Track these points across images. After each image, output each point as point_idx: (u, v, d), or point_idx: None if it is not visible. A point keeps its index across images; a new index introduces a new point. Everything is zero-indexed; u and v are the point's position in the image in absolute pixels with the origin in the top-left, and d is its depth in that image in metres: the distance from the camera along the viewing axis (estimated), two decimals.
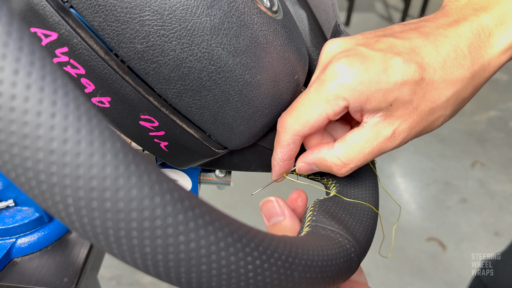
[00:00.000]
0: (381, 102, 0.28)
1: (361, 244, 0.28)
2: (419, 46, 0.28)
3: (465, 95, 0.30)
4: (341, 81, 0.28)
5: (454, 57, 0.28)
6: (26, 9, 0.27)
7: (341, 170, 0.31)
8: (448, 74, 0.28)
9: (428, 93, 0.28)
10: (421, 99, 0.28)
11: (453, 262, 1.45)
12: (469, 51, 0.28)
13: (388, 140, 0.29)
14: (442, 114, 0.30)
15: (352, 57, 0.28)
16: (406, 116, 0.29)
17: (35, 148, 0.14)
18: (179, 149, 0.33)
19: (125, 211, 0.15)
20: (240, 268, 0.18)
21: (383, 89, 0.28)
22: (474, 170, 1.82)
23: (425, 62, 0.28)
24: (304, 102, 0.30)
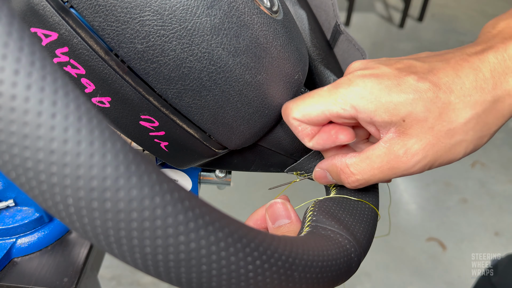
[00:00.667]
0: (392, 115, 0.28)
1: (361, 244, 0.28)
2: (437, 68, 0.28)
3: (488, 120, 0.28)
4: (353, 88, 0.28)
5: (473, 79, 0.28)
6: (26, 9, 0.27)
7: (348, 179, 0.30)
8: (466, 96, 0.28)
9: (445, 113, 0.28)
10: (437, 119, 0.28)
11: (453, 262, 1.45)
12: (492, 75, 0.28)
13: (401, 160, 0.28)
14: (463, 138, 0.28)
15: (369, 70, 0.29)
16: (421, 135, 0.28)
17: (35, 148, 0.14)
18: (179, 149, 0.33)
19: (126, 211, 0.15)
20: (240, 268, 0.18)
21: (393, 102, 0.28)
22: (474, 170, 1.82)
23: (441, 82, 0.28)
24: (314, 95, 0.30)
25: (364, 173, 0.30)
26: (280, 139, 0.36)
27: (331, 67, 0.42)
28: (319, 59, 0.42)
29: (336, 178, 0.32)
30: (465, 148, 0.29)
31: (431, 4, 2.94)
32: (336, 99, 0.29)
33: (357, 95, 0.28)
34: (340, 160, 0.31)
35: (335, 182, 0.33)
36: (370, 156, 0.29)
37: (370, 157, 0.29)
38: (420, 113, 0.27)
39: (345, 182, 0.31)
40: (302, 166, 0.37)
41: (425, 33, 2.77)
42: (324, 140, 0.31)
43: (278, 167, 0.39)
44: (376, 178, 0.30)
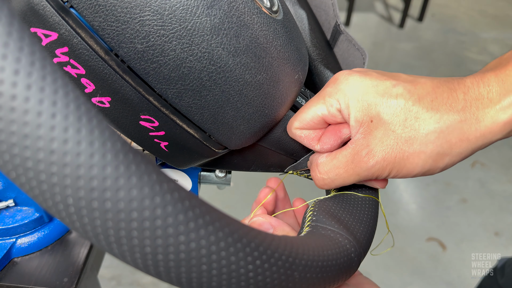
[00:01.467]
0: (364, 114, 0.29)
1: (361, 244, 0.28)
2: (418, 81, 0.30)
3: (450, 138, 0.28)
4: (337, 85, 0.31)
5: (446, 97, 0.29)
6: (26, 9, 0.27)
7: (315, 177, 0.32)
8: (435, 109, 0.28)
9: (409, 120, 0.28)
10: (400, 124, 0.29)
11: (453, 262, 1.45)
12: (464, 97, 0.29)
13: (362, 159, 0.30)
14: (421, 149, 0.29)
15: (355, 71, 0.31)
16: (383, 137, 0.29)
17: (35, 148, 0.14)
18: (179, 149, 0.33)
19: (126, 211, 0.15)
20: (240, 268, 0.18)
21: (367, 101, 0.29)
22: (474, 170, 1.82)
23: (416, 92, 0.29)
24: (307, 103, 0.33)
25: (329, 172, 0.31)
26: (280, 139, 0.36)
27: (331, 67, 0.42)
28: (319, 59, 0.42)
29: (311, 173, 0.34)
30: (423, 161, 0.29)
31: (431, 4, 2.94)
32: (324, 98, 0.31)
33: (340, 91, 0.30)
34: (315, 157, 0.33)
35: None
36: (338, 156, 0.31)
37: (337, 157, 0.31)
38: (386, 116, 0.29)
39: (315, 179, 0.33)
40: (302, 166, 0.37)
41: (425, 33, 2.77)
42: (329, 139, 0.32)
43: (278, 167, 0.39)
44: (341, 177, 0.31)
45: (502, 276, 0.81)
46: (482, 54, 2.57)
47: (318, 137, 0.32)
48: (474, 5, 3.13)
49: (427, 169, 0.29)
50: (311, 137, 0.32)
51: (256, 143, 0.36)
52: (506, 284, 0.80)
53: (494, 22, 2.93)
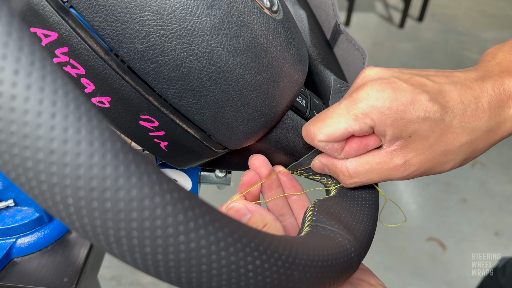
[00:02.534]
0: (402, 131, 0.30)
1: (361, 244, 0.28)
2: (445, 90, 0.30)
3: (478, 146, 0.31)
4: (372, 103, 0.30)
5: (474, 108, 0.30)
6: (26, 9, 0.27)
7: (346, 181, 0.33)
8: (466, 122, 0.30)
9: (445, 134, 0.30)
10: (437, 138, 0.30)
11: (453, 262, 1.45)
12: (489, 106, 0.30)
13: (398, 169, 0.31)
14: (453, 158, 0.31)
15: (386, 85, 0.30)
16: (420, 151, 0.30)
17: (35, 148, 0.14)
18: (179, 149, 0.33)
19: (125, 211, 0.15)
20: (240, 268, 0.18)
21: (406, 119, 0.30)
22: (474, 170, 1.82)
23: (448, 106, 0.30)
24: (333, 115, 0.31)
25: (362, 176, 0.32)
26: (280, 139, 0.36)
27: (331, 66, 0.42)
28: (319, 59, 0.42)
29: (333, 175, 0.34)
30: (452, 166, 0.32)
31: (431, 4, 2.94)
32: (356, 115, 0.30)
33: (376, 110, 0.30)
34: (341, 163, 0.33)
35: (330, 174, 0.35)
36: (370, 162, 0.31)
37: (370, 163, 0.31)
38: (425, 132, 0.30)
39: (342, 182, 0.33)
40: (302, 165, 0.37)
41: (425, 33, 2.77)
42: (355, 150, 0.32)
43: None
44: (372, 181, 0.32)
45: (503, 276, 0.81)
46: (482, 54, 2.57)
47: (342, 148, 0.32)
48: (474, 5, 3.13)
49: (452, 169, 0.32)
50: (335, 148, 0.32)
51: (256, 143, 0.36)
52: (507, 284, 0.79)
53: (494, 22, 2.93)
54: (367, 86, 0.30)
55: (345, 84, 0.40)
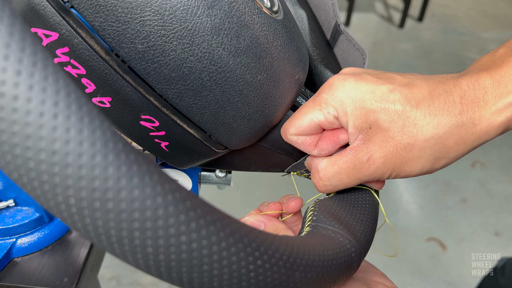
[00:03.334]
0: (362, 121, 0.29)
1: (361, 244, 0.28)
2: (414, 84, 0.30)
3: (448, 143, 0.29)
4: (333, 92, 0.30)
5: (443, 101, 0.29)
6: (27, 10, 0.27)
7: (317, 183, 0.32)
8: (432, 115, 0.28)
9: (407, 126, 0.29)
10: (399, 130, 0.29)
11: (453, 262, 1.45)
12: (461, 100, 0.29)
13: (364, 166, 0.30)
14: (420, 155, 0.29)
15: (350, 76, 0.30)
16: (382, 143, 0.29)
17: (37, 148, 0.14)
18: (180, 149, 0.33)
19: (127, 211, 0.15)
20: (242, 268, 0.18)
21: (366, 108, 0.29)
22: (474, 170, 1.82)
23: (412, 97, 0.29)
24: (301, 109, 0.32)
25: (331, 179, 0.31)
26: (280, 139, 0.36)
27: (331, 66, 0.42)
28: (319, 59, 0.42)
29: (312, 178, 0.34)
30: (421, 165, 0.30)
31: (431, 4, 2.94)
32: (320, 104, 0.31)
33: (337, 98, 0.30)
34: (315, 162, 0.33)
35: None
36: (338, 162, 0.31)
37: (338, 163, 0.31)
38: (385, 123, 0.29)
39: (316, 185, 0.33)
40: (302, 166, 0.37)
41: (425, 33, 2.77)
42: (327, 145, 0.32)
43: (278, 167, 0.39)
44: (343, 183, 0.31)
45: (502, 276, 0.81)
46: (482, 54, 2.56)
47: (315, 142, 0.32)
48: (474, 5, 3.13)
49: (425, 171, 0.30)
50: (307, 143, 0.32)
51: (256, 143, 0.36)
52: (507, 284, 0.80)
53: (494, 22, 2.93)
54: (332, 79, 0.31)
55: None
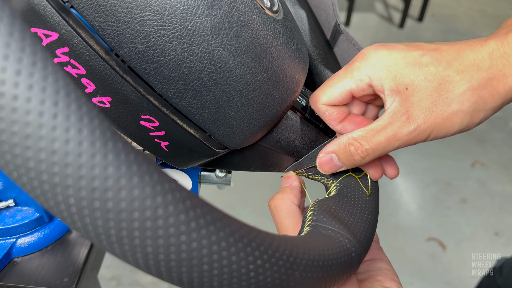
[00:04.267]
0: (398, 83, 0.30)
1: (361, 244, 0.28)
2: (442, 48, 0.31)
3: (483, 94, 0.30)
4: (366, 60, 0.32)
5: (472, 59, 0.30)
6: (27, 9, 0.27)
7: (357, 150, 0.32)
8: (464, 71, 0.30)
9: (443, 84, 0.30)
10: (436, 88, 0.30)
11: (453, 262, 1.45)
12: (489, 56, 0.30)
13: (403, 124, 0.31)
14: (459, 108, 0.30)
15: (381, 46, 0.32)
16: (420, 101, 0.30)
17: (37, 148, 0.14)
18: (180, 149, 0.33)
19: (127, 211, 0.15)
20: (241, 268, 0.18)
21: (400, 71, 0.31)
22: (474, 170, 1.82)
23: (443, 59, 0.31)
24: (333, 77, 0.33)
25: (371, 142, 0.32)
26: (281, 139, 0.36)
27: (331, 66, 0.42)
28: (319, 59, 0.42)
29: (344, 156, 0.33)
30: (461, 119, 0.31)
31: (431, 4, 2.94)
32: (352, 72, 0.32)
33: (370, 65, 0.31)
34: (346, 136, 0.33)
35: (340, 167, 0.34)
36: (376, 127, 0.32)
37: (376, 128, 0.32)
38: (421, 82, 0.30)
39: (354, 154, 0.32)
40: (302, 166, 0.37)
41: (425, 33, 2.77)
42: (352, 126, 0.33)
43: (279, 167, 0.39)
44: (382, 146, 0.31)
45: (500, 276, 0.81)
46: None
47: (340, 118, 0.33)
48: (474, 5, 3.13)
49: (465, 126, 0.31)
50: (333, 117, 0.33)
51: (257, 142, 0.36)
52: (504, 284, 0.80)
53: (494, 22, 2.93)
54: (365, 49, 0.33)
55: None
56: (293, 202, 0.35)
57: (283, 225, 0.33)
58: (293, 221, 0.33)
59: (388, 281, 0.32)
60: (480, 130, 2.03)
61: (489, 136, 2.00)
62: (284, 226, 0.33)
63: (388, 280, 0.32)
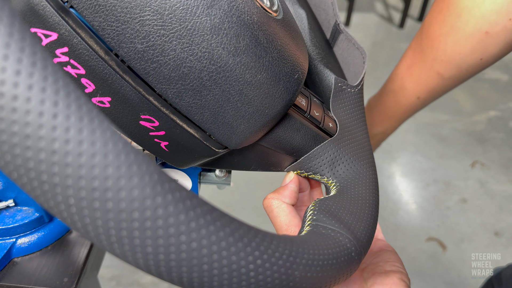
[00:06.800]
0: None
1: (361, 243, 0.28)
2: None
3: None
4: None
5: None
6: (26, 9, 0.27)
7: None
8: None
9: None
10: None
11: (453, 262, 1.45)
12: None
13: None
14: None
15: None
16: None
17: (37, 148, 0.14)
18: (180, 149, 0.33)
19: (127, 211, 0.15)
20: (241, 268, 0.18)
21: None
22: (474, 170, 1.82)
23: None
24: None
25: None
26: (280, 139, 0.36)
27: (330, 66, 0.42)
28: (319, 58, 0.42)
29: None
30: None
31: (431, 4, 2.94)
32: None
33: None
34: None
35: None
36: None
37: None
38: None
39: None
40: (302, 165, 0.37)
41: None
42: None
43: (279, 166, 0.39)
44: None
45: (499, 285, 0.81)
46: None
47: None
48: None
49: None
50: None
51: (256, 142, 0.36)
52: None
53: None
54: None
55: (346, 83, 0.40)
56: (284, 201, 0.35)
57: (276, 224, 0.34)
58: (285, 219, 0.34)
59: (389, 266, 0.33)
60: (480, 130, 2.04)
61: (489, 136, 2.00)
62: (277, 225, 0.34)
63: (388, 265, 0.33)
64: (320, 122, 0.38)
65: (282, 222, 0.34)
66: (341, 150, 0.37)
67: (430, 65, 0.51)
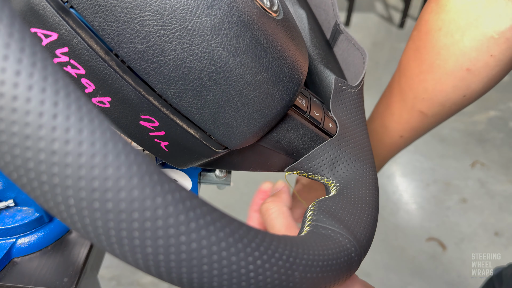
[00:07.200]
0: None
1: (361, 244, 0.28)
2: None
3: None
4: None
5: None
6: (26, 10, 0.27)
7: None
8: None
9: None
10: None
11: (453, 262, 1.45)
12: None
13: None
14: None
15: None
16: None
17: (36, 149, 0.14)
18: (180, 149, 0.33)
19: (127, 211, 0.15)
20: (241, 268, 0.18)
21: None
22: (474, 170, 1.82)
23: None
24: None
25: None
26: (280, 139, 0.36)
27: (330, 66, 0.42)
28: (319, 59, 0.42)
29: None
30: None
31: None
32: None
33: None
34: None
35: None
36: None
37: None
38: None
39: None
40: (302, 166, 0.37)
41: None
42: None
43: (278, 167, 0.39)
44: None
45: (500, 285, 0.80)
46: None
47: None
48: None
49: None
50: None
51: (256, 143, 0.36)
52: None
53: None
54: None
55: (346, 83, 0.40)
56: (284, 205, 0.36)
57: (275, 226, 0.34)
58: (284, 221, 0.34)
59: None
60: (480, 130, 2.04)
61: (489, 136, 2.00)
62: (276, 227, 0.34)
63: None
64: (320, 123, 0.38)
65: (282, 224, 0.34)
66: (341, 151, 0.37)
67: (411, 104, 0.50)
